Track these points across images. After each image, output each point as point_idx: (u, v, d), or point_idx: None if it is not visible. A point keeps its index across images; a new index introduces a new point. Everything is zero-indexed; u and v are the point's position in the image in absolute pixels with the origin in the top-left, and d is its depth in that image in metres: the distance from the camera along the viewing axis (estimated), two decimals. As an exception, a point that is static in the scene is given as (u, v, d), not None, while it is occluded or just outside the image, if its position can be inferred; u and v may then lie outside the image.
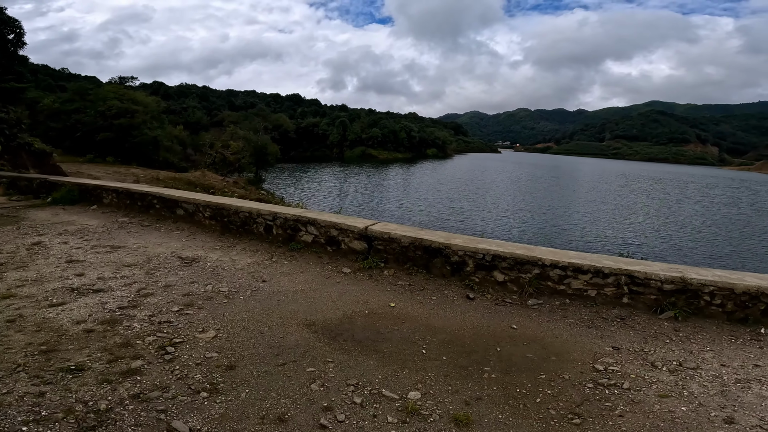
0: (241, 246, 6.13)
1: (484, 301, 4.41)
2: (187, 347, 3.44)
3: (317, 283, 4.90)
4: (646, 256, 13.88)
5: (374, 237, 5.05)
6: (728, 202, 44.11)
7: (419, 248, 4.76)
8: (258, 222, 6.09)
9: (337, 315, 4.16)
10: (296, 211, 5.90)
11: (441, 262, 4.66)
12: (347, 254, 5.35)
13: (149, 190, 7.77)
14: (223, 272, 5.15)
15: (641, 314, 4.13)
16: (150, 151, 34.41)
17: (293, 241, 5.81)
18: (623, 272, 3.95)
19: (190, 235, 6.71)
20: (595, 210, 32.20)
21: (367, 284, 4.86)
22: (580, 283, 4.11)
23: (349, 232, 5.21)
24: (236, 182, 29.81)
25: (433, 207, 29.75)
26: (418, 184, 47.41)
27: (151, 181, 24.96)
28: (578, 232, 22.95)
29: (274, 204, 22.59)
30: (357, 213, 27.03)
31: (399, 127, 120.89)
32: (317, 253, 5.65)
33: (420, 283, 4.80)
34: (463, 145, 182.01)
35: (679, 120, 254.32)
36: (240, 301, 4.38)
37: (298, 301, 4.45)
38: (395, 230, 4.94)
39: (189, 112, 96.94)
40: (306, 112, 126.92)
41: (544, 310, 4.23)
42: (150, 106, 37.37)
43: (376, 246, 5.08)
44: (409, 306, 4.35)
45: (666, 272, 3.88)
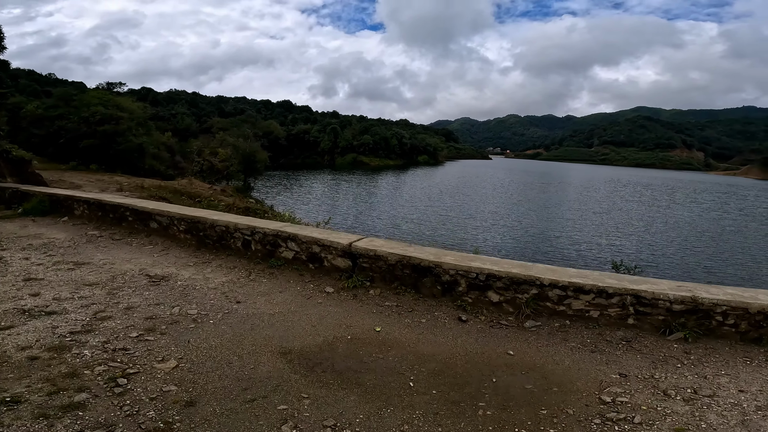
0: (217, 262, 5.71)
1: (477, 323, 4.05)
2: (142, 379, 3.04)
3: (297, 304, 4.51)
4: (639, 265, 13.67)
5: (359, 254, 4.68)
6: (717, 207, 44.48)
7: (407, 267, 4.40)
8: (235, 237, 5.68)
9: (317, 341, 3.77)
10: (276, 225, 5.51)
11: (431, 281, 4.31)
12: (330, 272, 4.96)
13: (121, 202, 7.31)
14: (194, 292, 4.73)
15: (648, 336, 3.80)
16: (135, 158, 33.66)
17: (273, 258, 5.42)
18: (628, 292, 3.63)
19: (164, 250, 6.27)
20: (586, 217, 32.16)
21: (351, 305, 4.48)
22: (582, 304, 3.78)
23: (332, 248, 4.84)
24: (224, 190, 29.18)
25: (423, 215, 29.41)
26: (409, 191, 47.11)
27: (135, 190, 24.29)
28: (570, 241, 22.77)
29: (259, 214, 22.08)
30: (347, 222, 26.62)
31: (390, 134, 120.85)
32: (298, 271, 5.26)
33: (408, 303, 4.43)
34: (455, 151, 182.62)
35: (665, 125, 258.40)
36: (209, 326, 3.98)
37: (275, 325, 4.05)
38: (381, 247, 4.58)
39: (178, 119, 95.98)
40: (297, 119, 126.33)
41: (543, 332, 3.89)
42: (136, 112, 36.66)
43: (361, 264, 4.71)
44: (396, 330, 3.98)
45: (675, 291, 3.56)
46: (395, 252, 4.43)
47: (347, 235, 5.13)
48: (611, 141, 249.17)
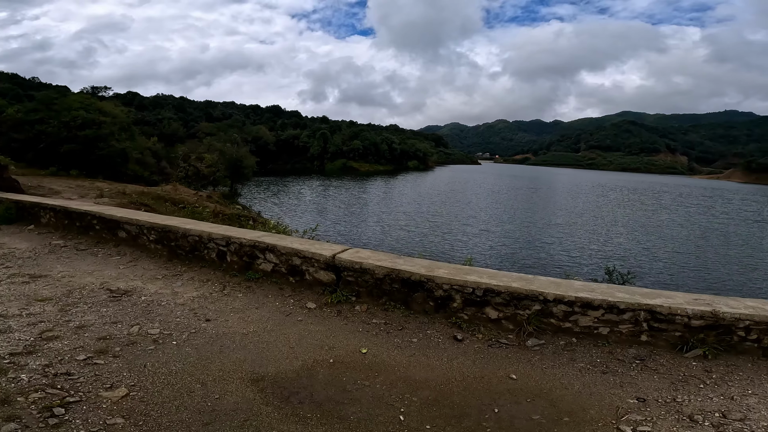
0: (189, 275, 5.22)
1: (474, 342, 3.64)
2: (84, 409, 2.60)
3: (274, 322, 4.06)
4: (631, 271, 13.46)
5: (343, 267, 4.25)
6: (705, 211, 44.96)
7: (396, 281, 3.99)
8: (209, 247, 5.21)
9: (294, 366, 3.33)
10: (253, 235, 5.06)
11: (422, 296, 3.90)
12: (313, 286, 4.52)
13: (88, 209, 6.78)
14: (159, 309, 4.25)
15: (664, 353, 3.44)
16: (118, 163, 32.78)
17: (250, 270, 4.96)
18: (642, 307, 3.27)
19: (131, 262, 5.76)
20: (576, 223, 32.11)
21: (334, 323, 4.04)
22: (590, 320, 3.40)
23: (314, 261, 4.40)
24: (210, 196, 28.48)
25: (413, 222, 29.01)
26: (399, 197, 46.72)
27: (117, 196, 23.51)
28: (561, 247, 22.58)
29: (243, 221, 21.47)
30: (335, 229, 26.11)
31: (380, 139, 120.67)
32: (278, 285, 4.80)
33: (398, 320, 4.01)
34: (444, 156, 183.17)
35: (649, 130, 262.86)
36: (171, 348, 3.51)
37: (247, 346, 3.60)
38: (368, 259, 4.16)
39: (164, 124, 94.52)
40: (286, 124, 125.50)
41: (547, 351, 3.50)
42: (119, 116, 35.80)
43: (346, 277, 4.28)
44: (385, 351, 3.55)
45: (693, 306, 3.21)
46: (383, 265, 4.01)
47: (331, 246, 4.70)
48: (597, 145, 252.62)
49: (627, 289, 3.54)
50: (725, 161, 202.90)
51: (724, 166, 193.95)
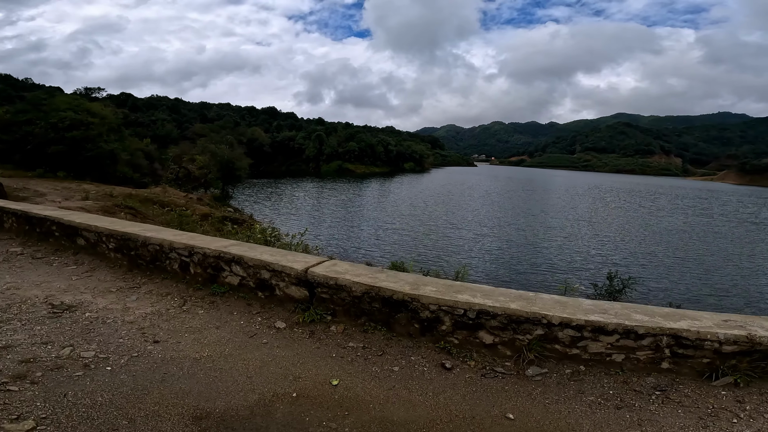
0: (148, 287, 4.67)
1: (466, 371, 3.11)
2: None
3: (235, 344, 3.51)
4: (632, 276, 13.00)
5: (316, 282, 3.72)
6: (702, 213, 44.67)
7: (376, 299, 3.46)
8: (171, 257, 4.66)
9: (249, 400, 2.79)
10: (220, 244, 4.52)
11: (406, 318, 3.37)
12: (284, 302, 3.98)
13: (48, 214, 6.21)
14: (102, 327, 3.70)
15: (687, 381, 2.93)
16: (106, 165, 32.15)
17: (216, 283, 4.41)
18: (665, 332, 2.76)
19: (88, 272, 5.19)
20: (573, 226, 31.65)
21: (305, 346, 3.50)
22: (602, 347, 2.89)
23: (284, 274, 3.87)
24: (201, 199, 27.86)
25: (408, 225, 28.42)
26: (393, 200, 46.13)
27: (103, 198, 22.92)
28: (558, 251, 22.08)
29: (228, 226, 20.86)
30: (327, 232, 25.49)
31: (376, 141, 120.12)
32: (246, 300, 4.26)
33: (378, 344, 3.48)
34: (440, 158, 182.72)
35: (644, 132, 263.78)
36: (103, 374, 2.98)
37: (196, 375, 3.06)
38: (345, 274, 3.63)
39: (158, 125, 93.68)
40: (282, 126, 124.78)
41: (551, 383, 2.98)
42: (108, 117, 35.17)
43: (320, 294, 3.75)
44: (360, 383, 3.02)
45: (724, 329, 2.71)
46: (361, 281, 3.48)
47: (305, 258, 4.16)
48: (593, 147, 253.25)
49: (645, 309, 3.03)
50: (719, 163, 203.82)
51: (717, 167, 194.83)
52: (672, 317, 2.89)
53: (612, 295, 11.64)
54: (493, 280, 15.54)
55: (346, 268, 3.78)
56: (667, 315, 2.92)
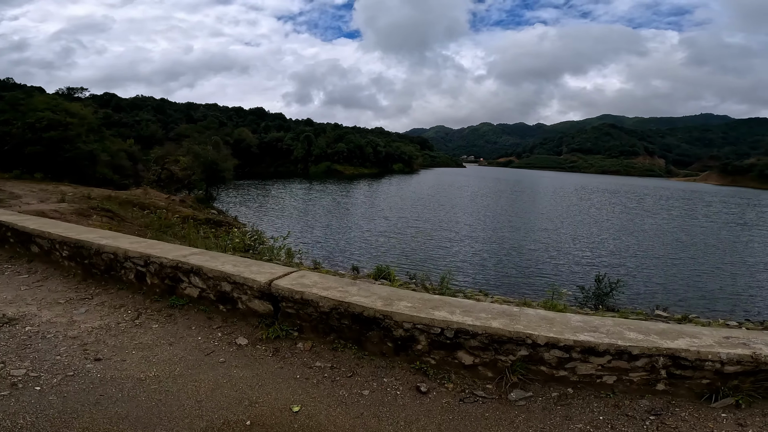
0: (101, 299, 4.28)
1: (442, 395, 2.81)
2: None
3: (187, 363, 3.16)
4: (621, 277, 12.90)
5: (281, 296, 3.39)
6: (687, 215, 45.13)
7: (346, 316, 3.14)
8: (126, 267, 4.29)
9: (195, 428, 2.46)
10: (179, 253, 4.16)
11: (379, 336, 3.06)
12: (247, 316, 3.64)
13: (3, 220, 5.76)
14: (41, 342, 3.32)
15: (685, 404, 2.67)
16: (85, 166, 31.29)
17: (175, 295, 4.05)
18: (661, 352, 2.49)
19: (39, 281, 4.78)
20: (560, 228, 31.69)
21: (267, 366, 3.17)
22: (592, 368, 2.61)
23: (246, 287, 3.53)
24: (183, 200, 27.15)
25: (395, 227, 28.03)
26: (382, 201, 45.73)
27: (80, 200, 22.18)
28: (546, 254, 21.93)
29: (209, 228, 20.33)
30: (312, 235, 24.98)
31: (365, 142, 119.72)
32: (206, 313, 3.90)
33: (348, 364, 3.16)
34: (429, 159, 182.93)
35: (628, 133, 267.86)
36: (31, 395, 2.63)
37: (138, 397, 2.71)
38: (312, 287, 3.31)
39: (142, 126, 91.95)
40: (270, 127, 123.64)
41: (536, 408, 2.69)
42: (87, 117, 34.27)
43: (285, 309, 3.42)
44: (324, 410, 2.69)
45: (727, 348, 2.46)
46: (329, 296, 3.16)
47: (272, 269, 3.82)
48: (579, 148, 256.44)
49: (638, 326, 2.77)
50: (701, 164, 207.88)
51: (700, 168, 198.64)
52: (669, 335, 2.63)
53: (599, 298, 11.50)
54: (481, 284, 15.32)
55: (314, 281, 3.46)
56: (663, 332, 2.66)
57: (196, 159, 29.31)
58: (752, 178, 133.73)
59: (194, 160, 29.44)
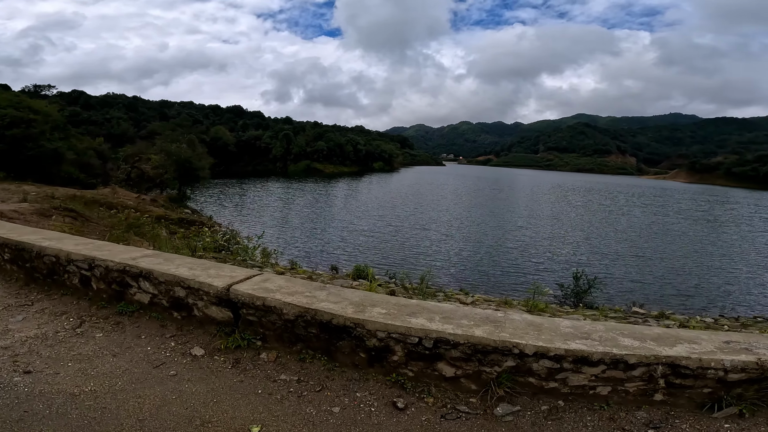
0: (42, 305, 3.82)
1: (422, 410, 2.52)
2: None
3: (131, 377, 2.78)
4: (598, 276, 12.97)
5: (241, 303, 3.03)
6: (659, 212, 46.37)
7: (313, 324, 2.82)
8: (70, 271, 3.84)
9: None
10: (128, 255, 3.75)
11: (350, 346, 2.74)
12: (204, 324, 3.27)
13: (-66, 219, 5.18)
14: (-37, 362, 2.88)
15: (685, 414, 2.46)
16: (50, 165, 29.85)
17: (124, 301, 3.63)
18: (660, 360, 2.27)
19: (-27, 290, 4.27)
20: (538, 226, 31.98)
21: (225, 379, 2.81)
22: (584, 379, 2.37)
23: (202, 292, 3.16)
24: (154, 200, 26.13)
25: (374, 226, 27.64)
26: (361, 200, 45.25)
27: (44, 200, 21.03)
28: (525, 252, 21.99)
29: (181, 230, 19.57)
30: (289, 234, 24.42)
31: (345, 140, 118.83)
32: (159, 321, 3.51)
33: (317, 376, 2.83)
34: (409, 158, 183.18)
35: (602, 132, 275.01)
36: None
37: (68, 415, 2.34)
38: (276, 292, 2.97)
39: (113, 124, 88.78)
40: (248, 125, 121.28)
41: (524, 423, 2.43)
42: (52, 115, 32.73)
43: (246, 316, 3.06)
44: (289, 429, 2.36)
45: (730, 355, 2.25)
46: (294, 302, 2.83)
47: (233, 272, 3.45)
48: (555, 147, 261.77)
49: (633, 331, 2.54)
50: (670, 162, 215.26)
51: (669, 166, 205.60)
52: (666, 341, 2.41)
53: (578, 295, 11.49)
54: (462, 282, 15.18)
55: (279, 285, 3.11)
56: (659, 338, 2.44)
57: (169, 157, 28.24)
58: (719, 175, 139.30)
59: (166, 159, 28.36)
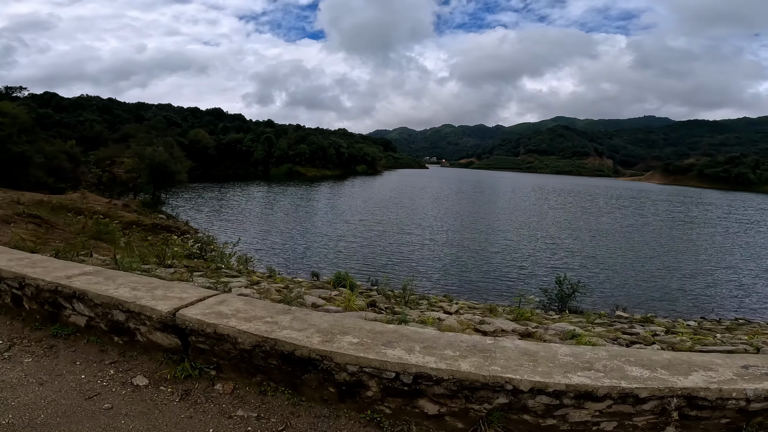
0: (-34, 331, 3.32)
1: (399, 454, 2.16)
2: None
3: (59, 409, 2.34)
4: (581, 279, 12.87)
5: (189, 329, 2.62)
6: (637, 213, 47.18)
7: (273, 355, 2.43)
8: (1, 289, 3.34)
9: None
10: (63, 273, 3.28)
11: (317, 379, 2.36)
12: (149, 350, 2.84)
13: None
14: None
15: (692, 449, 2.16)
16: (17, 168, 28.50)
17: (59, 323, 3.16)
18: (675, 393, 1.97)
19: None
20: (521, 228, 32.03)
21: (170, 414, 2.39)
22: (587, 414, 2.05)
23: (143, 317, 2.74)
24: (127, 205, 25.08)
25: (356, 231, 27.01)
26: (343, 204, 44.56)
27: (7, 206, 19.92)
28: (508, 255, 21.87)
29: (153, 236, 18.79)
30: (268, 241, 23.63)
31: (328, 143, 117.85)
32: (99, 345, 3.05)
33: (281, 412, 2.44)
34: (393, 161, 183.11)
35: (580, 134, 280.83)
36: None
37: None
38: (230, 318, 2.57)
39: (86, 126, 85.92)
40: (228, 128, 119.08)
41: (519, 463, 2.09)
42: (19, 117, 31.31)
43: (197, 344, 2.65)
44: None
45: (753, 384, 1.97)
46: (251, 329, 2.44)
47: (183, 293, 3.02)
48: (535, 149, 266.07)
49: (640, 357, 2.24)
50: (645, 164, 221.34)
51: (644, 168, 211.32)
52: (678, 368, 2.11)
53: (562, 300, 11.35)
54: (445, 288, 14.90)
55: (236, 308, 2.71)
56: (671, 365, 2.15)
57: (142, 161, 27.20)
58: (692, 177, 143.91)
59: (140, 162, 27.31)
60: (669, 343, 5.90)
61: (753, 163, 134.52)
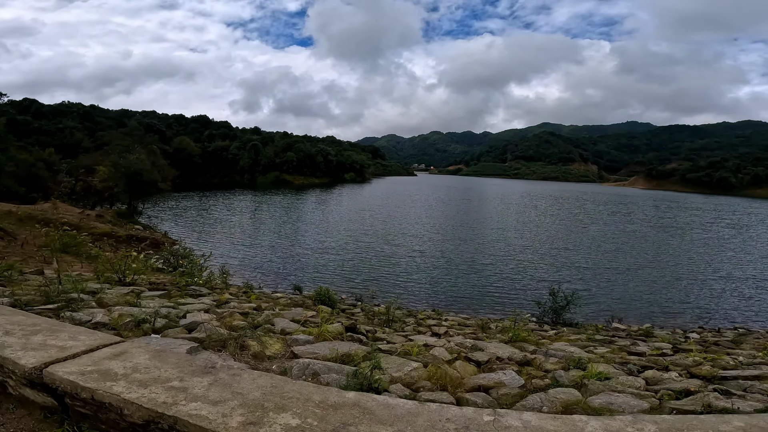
0: None
1: None
2: None
3: None
4: (575, 289, 12.33)
5: (63, 391, 1.88)
6: (626, 219, 47.15)
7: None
8: None
9: None
10: None
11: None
12: (26, 405, 2.09)
13: None
14: None
15: None
16: (-16, 178, 27.19)
17: None
18: None
19: None
20: (511, 237, 31.59)
21: None
22: None
23: (7, 370, 1.99)
24: (101, 215, 23.94)
25: (342, 242, 25.99)
26: (329, 214, 43.64)
27: (-31, 219, 18.74)
28: (500, 266, 21.21)
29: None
30: (248, 253, 22.53)
31: (316, 151, 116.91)
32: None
33: None
34: (381, 168, 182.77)
35: (565, 140, 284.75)
36: None
37: None
38: (119, 381, 1.85)
39: (66, 134, 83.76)
40: (214, 135, 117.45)
41: None
42: (-11, 124, 29.98)
43: (75, 407, 1.91)
44: None
45: None
46: (143, 403, 1.71)
47: (72, 338, 2.29)
48: (522, 156, 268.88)
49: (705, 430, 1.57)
50: (629, 169, 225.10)
51: (628, 173, 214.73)
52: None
53: (556, 312, 10.77)
54: (434, 301, 14.21)
55: (133, 366, 1.98)
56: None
57: (117, 169, 26.05)
58: (675, 181, 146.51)
59: (115, 171, 26.15)
60: (683, 366, 5.30)
61: (734, 167, 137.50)
